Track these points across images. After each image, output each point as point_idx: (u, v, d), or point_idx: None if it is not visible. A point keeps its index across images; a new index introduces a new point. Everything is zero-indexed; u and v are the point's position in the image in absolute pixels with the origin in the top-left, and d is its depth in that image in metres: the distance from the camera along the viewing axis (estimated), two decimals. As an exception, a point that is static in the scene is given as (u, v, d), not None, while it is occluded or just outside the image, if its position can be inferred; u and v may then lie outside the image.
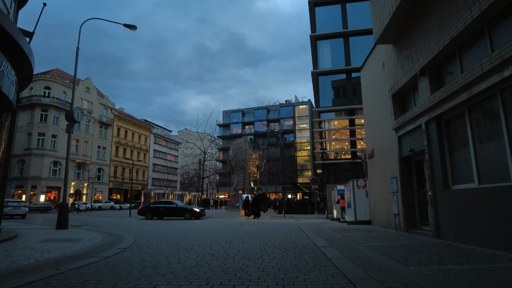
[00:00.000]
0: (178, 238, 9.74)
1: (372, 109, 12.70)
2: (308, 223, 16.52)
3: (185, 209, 22.63)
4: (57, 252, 6.72)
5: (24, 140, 47.33)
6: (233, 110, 75.23)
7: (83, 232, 11.27)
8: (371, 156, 12.79)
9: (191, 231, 11.96)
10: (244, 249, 7.15)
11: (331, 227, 12.69)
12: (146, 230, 12.65)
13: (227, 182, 60.91)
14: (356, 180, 14.12)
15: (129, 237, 9.97)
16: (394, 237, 8.79)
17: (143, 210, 23.26)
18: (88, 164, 53.19)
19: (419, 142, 8.86)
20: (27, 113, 48.14)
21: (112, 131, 59.83)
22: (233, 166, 39.19)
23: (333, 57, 32.22)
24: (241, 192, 39.59)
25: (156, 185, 71.96)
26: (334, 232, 10.22)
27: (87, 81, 56.31)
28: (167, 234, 10.87)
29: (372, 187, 12.89)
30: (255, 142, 43.95)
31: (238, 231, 11.83)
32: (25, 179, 45.70)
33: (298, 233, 10.37)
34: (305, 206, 29.54)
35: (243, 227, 14.15)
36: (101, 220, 20.82)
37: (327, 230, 11.27)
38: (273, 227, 13.75)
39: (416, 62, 8.57)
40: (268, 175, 51.79)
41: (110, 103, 60.88)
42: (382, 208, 11.66)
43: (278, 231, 11.52)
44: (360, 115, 30.12)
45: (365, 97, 13.76)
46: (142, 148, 68.46)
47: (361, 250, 6.49)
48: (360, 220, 13.66)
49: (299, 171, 68.54)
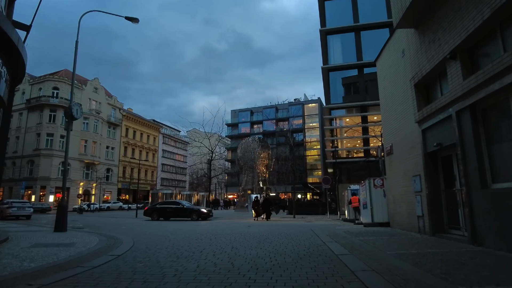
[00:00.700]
0: (180, 242, 8.93)
1: (390, 102, 11.70)
2: (321, 224, 15.56)
3: (192, 210, 21.90)
4: (40, 261, 5.97)
5: (33, 140, 47.49)
6: (241, 109, 74.51)
7: (80, 236, 10.56)
8: (390, 153, 11.78)
9: (195, 234, 11.15)
10: (252, 257, 6.29)
11: (346, 229, 11.72)
12: (149, 233, 11.90)
13: (236, 182, 60.18)
14: (373, 179, 13.12)
15: (128, 241, 9.20)
16: (421, 242, 7.80)
17: (149, 211, 22.61)
18: (97, 165, 53.07)
19: (448, 135, 7.86)
20: (36, 113, 48.32)
21: (120, 131, 59.70)
22: (241, 165, 38.38)
23: (344, 52, 31.11)
24: (250, 192, 38.77)
25: (165, 185, 71.66)
26: (351, 236, 9.28)
27: (95, 81, 56.23)
28: (169, 238, 10.07)
29: (390, 186, 11.88)
30: (263, 141, 43.07)
31: (246, 234, 10.97)
32: (34, 179, 45.76)
33: (311, 237, 9.45)
34: (316, 207, 28.51)
35: (252, 229, 13.29)
36: (106, 221, 20.22)
37: (342, 233, 10.33)
38: (284, 229, 12.85)
39: (444, 45, 7.57)
40: (277, 174, 50.85)
41: (118, 103, 60.76)
42: (403, 209, 10.65)
43: (289, 234, 10.62)
44: (373, 112, 28.96)
45: (382, 90, 12.76)
46: (151, 148, 68.24)
47: (388, 260, 5.56)
48: (378, 222, 12.66)
49: (308, 170, 67.41)
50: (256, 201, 22.08)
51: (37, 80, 50.27)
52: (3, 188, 48.52)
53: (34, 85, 50.01)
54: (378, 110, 30.03)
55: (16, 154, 48.49)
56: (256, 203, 21.87)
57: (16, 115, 50.46)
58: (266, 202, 21.55)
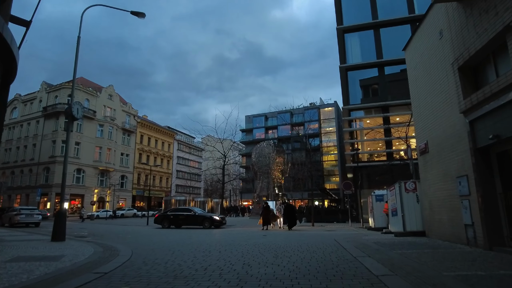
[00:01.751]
0: (185, 255, 7.70)
1: (424, 94, 10.21)
2: (344, 234, 14.04)
3: (204, 217, 20.69)
4: (5, 281, 4.82)
5: (49, 148, 47.70)
6: (255, 115, 73.40)
7: (76, 246, 9.47)
8: (424, 151, 10.25)
9: (204, 245, 9.89)
10: (267, 278, 4.96)
11: (376, 240, 10.20)
12: (153, 243, 10.71)
13: (251, 188, 58.84)
14: (404, 182, 11.56)
15: (126, 253, 8.04)
16: (480, 259, 6.25)
17: (160, 219, 21.55)
18: (111, 171, 52.83)
19: (508, 124, 6.35)
20: (52, 121, 48.61)
21: (135, 138, 59.52)
22: (256, 171, 37.06)
23: (363, 51, 29.57)
24: (265, 199, 37.34)
25: (179, 192, 71.08)
26: (385, 249, 7.80)
27: (109, 88, 56.41)
28: (173, 249, 8.85)
29: (426, 190, 10.32)
30: (279, 146, 41.70)
31: (261, 245, 9.62)
32: (50, 186, 45.76)
33: (338, 250, 8.03)
34: (335, 214, 26.83)
35: (267, 239, 11.92)
36: (115, 229, 19.25)
37: (372, 244, 8.84)
38: (303, 240, 11.43)
39: (504, 12, 6.12)
40: (293, 181, 49.22)
41: (133, 110, 60.76)
42: (443, 216, 9.08)
43: (310, 246, 9.21)
44: (395, 112, 27.21)
45: (413, 81, 11.27)
46: (166, 155, 67.87)
47: (451, 286, 4.12)
48: (410, 231, 11.07)
49: (325, 176, 65.39)
50: (266, 207, 19.86)
51: (54, 88, 50.78)
52: (20, 195, 48.91)
53: (50, 93, 50.52)
54: (401, 111, 28.40)
55: (33, 162, 48.83)
56: (266, 210, 19.60)
57: (33, 123, 51.11)
58: (289, 209, 19.20)
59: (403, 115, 26.11)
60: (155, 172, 63.87)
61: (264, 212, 19.52)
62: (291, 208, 19.36)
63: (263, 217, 19.26)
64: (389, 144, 27.38)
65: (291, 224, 18.18)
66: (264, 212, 19.59)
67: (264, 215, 19.40)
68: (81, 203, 48.77)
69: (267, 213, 19.35)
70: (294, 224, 18.52)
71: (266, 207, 19.74)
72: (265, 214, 19.39)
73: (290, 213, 18.68)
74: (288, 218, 18.48)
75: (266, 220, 19.08)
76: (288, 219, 18.45)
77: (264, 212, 19.65)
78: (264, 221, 19.03)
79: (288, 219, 18.45)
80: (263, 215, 19.43)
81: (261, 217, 19.53)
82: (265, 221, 19.01)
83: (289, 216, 18.56)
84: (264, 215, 19.41)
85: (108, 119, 53.88)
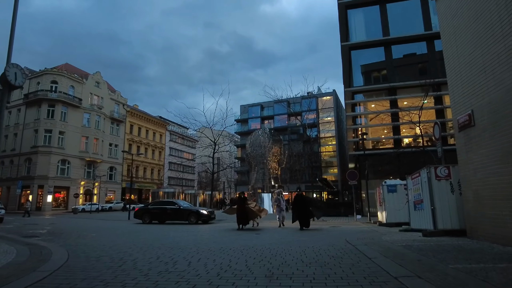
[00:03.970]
0: (138, 265, 5.23)
1: (470, 47, 7.66)
2: (354, 231, 11.61)
3: (190, 212, 18.18)
4: None
5: (30, 137, 44.73)
6: (251, 104, 70.59)
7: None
8: (468, 125, 7.74)
9: (176, 250, 7.39)
10: None
11: (403, 242, 7.73)
12: (111, 246, 8.18)
13: (246, 180, 56.45)
14: (434, 168, 9.08)
15: (53, 264, 5.52)
16: None
17: (140, 213, 19.03)
18: (99, 163, 50.05)
19: None
20: (33, 109, 45.60)
21: (124, 128, 56.61)
22: (250, 161, 34.56)
23: (368, 28, 26.88)
24: (261, 191, 34.96)
25: (172, 184, 68.53)
26: (429, 259, 5.33)
27: (96, 75, 53.30)
28: (133, 255, 6.37)
29: (469, 176, 7.83)
30: (275, 135, 39.18)
31: (250, 251, 7.14)
32: (32, 178, 42.94)
33: (360, 261, 5.56)
34: (338, 207, 24.47)
35: (260, 240, 9.45)
36: (85, 226, 16.68)
37: (403, 250, 6.39)
38: (306, 241, 8.98)
39: None
40: (290, 172, 46.84)
41: (122, 98, 57.75)
42: (503, 210, 6.61)
43: (318, 252, 6.74)
44: (404, 95, 24.65)
45: (451, 35, 8.66)
46: (157, 145, 65.13)
47: None
48: (443, 229, 8.62)
49: (323, 168, 63.14)
50: (242, 199, 14.17)
51: (35, 74, 47.56)
52: (1, 188, 46.11)
53: (32, 79, 47.29)
54: (409, 93, 25.87)
55: (14, 152, 45.96)
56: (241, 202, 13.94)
57: (14, 111, 48.03)
58: (300, 202, 13.52)
59: (413, 98, 23.59)
60: (146, 163, 61.20)
61: (239, 206, 13.82)
62: (302, 201, 13.62)
63: (238, 213, 13.70)
64: (397, 130, 24.89)
65: (303, 222, 12.96)
66: (239, 206, 13.86)
67: (239, 209, 13.67)
68: (66, 195, 46.12)
69: (243, 207, 13.70)
70: (308, 223, 13.07)
71: (241, 199, 14.19)
72: (241, 208, 13.66)
73: (301, 207, 13.30)
74: (299, 214, 13.20)
75: (242, 216, 13.51)
76: (299, 215, 13.19)
77: (239, 205, 13.91)
78: (239, 218, 13.53)
79: (299, 215, 13.19)
80: (238, 210, 13.82)
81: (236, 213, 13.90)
82: (242, 218, 13.49)
83: (299, 211, 13.25)
84: (239, 210, 13.70)
85: (95, 107, 50.91)
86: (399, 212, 13.90)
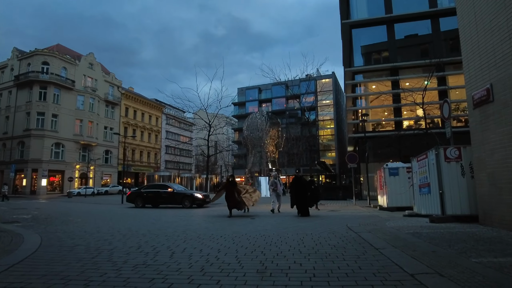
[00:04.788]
0: (114, 256, 4.59)
1: (492, 12, 6.80)
2: (355, 217, 11.02)
3: (184, 195, 17.58)
4: None
5: (23, 120, 43.70)
6: (248, 87, 69.25)
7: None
8: (486, 101, 6.97)
9: (161, 238, 6.76)
10: None
11: (411, 229, 7.11)
12: (94, 233, 7.53)
13: (243, 164, 55.93)
14: (444, 149, 8.38)
15: (18, 256, 4.87)
16: None
17: (132, 197, 18.46)
18: (94, 146, 49.24)
19: None
20: (25, 91, 44.34)
21: (120, 111, 55.47)
22: (247, 144, 33.82)
23: (370, 5, 25.63)
24: (258, 175, 34.41)
25: (170, 168, 68.03)
26: (443, 250, 4.70)
27: (89, 56, 51.72)
28: (113, 244, 5.74)
29: (485, 157, 7.12)
30: (273, 117, 38.32)
31: (243, 239, 6.51)
32: (25, 162, 42.19)
33: (366, 252, 4.93)
34: (335, 191, 23.98)
35: (255, 226, 8.84)
36: (74, 210, 16.06)
37: (412, 239, 5.77)
38: (304, 227, 8.37)
39: None
40: (288, 156, 46.24)
41: (116, 80, 56.33)
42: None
43: (317, 241, 6.12)
44: (407, 75, 23.71)
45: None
46: (154, 129, 64.19)
47: None
48: (453, 214, 7.99)
49: (321, 151, 62.64)
50: (230, 182, 12.13)
51: (26, 55, 46.02)
52: (-5, 172, 45.37)
53: (22, 61, 45.85)
54: (412, 73, 24.93)
55: (7, 136, 44.99)
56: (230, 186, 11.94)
57: (5, 94, 46.81)
58: (298, 185, 11.83)
59: (415, 79, 22.71)
60: (143, 147, 60.46)
61: (228, 190, 11.88)
62: (300, 184, 11.89)
63: (228, 198, 11.80)
64: (398, 112, 24.10)
65: (302, 210, 11.41)
66: (228, 190, 11.89)
67: (229, 193, 11.77)
68: (62, 179, 45.51)
69: (231, 191, 11.74)
70: (307, 212, 11.41)
71: (230, 182, 12.16)
72: (230, 192, 11.76)
73: (300, 191, 11.58)
74: (297, 199, 11.58)
75: (232, 200, 11.63)
76: (297, 200, 11.58)
77: (228, 190, 11.91)
78: (230, 202, 11.69)
79: (297, 200, 11.58)
80: (227, 194, 11.87)
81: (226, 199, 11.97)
82: (232, 203, 11.64)
83: (298, 195, 11.57)
84: (229, 194, 11.78)
85: (89, 89, 49.62)
86: (401, 196, 13.33)
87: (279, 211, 13.08)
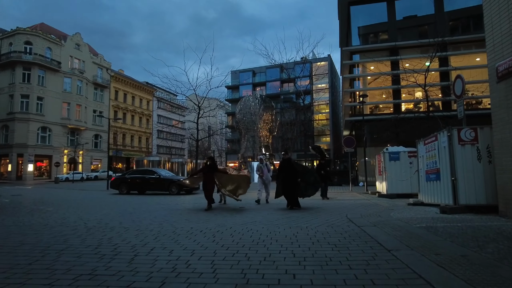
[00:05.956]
0: (55, 266, 3.51)
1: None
2: (353, 204, 10.11)
3: (171, 181, 16.55)
4: None
5: (6, 103, 41.80)
6: (242, 70, 67.36)
7: None
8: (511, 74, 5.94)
9: (133, 230, 5.75)
10: None
11: (423, 222, 6.18)
12: (61, 224, 6.49)
13: (237, 149, 54.91)
14: (458, 130, 7.39)
15: None
16: None
17: (117, 183, 17.41)
18: (83, 130, 47.68)
19: None
20: (7, 72, 42.25)
21: (109, 94, 53.62)
22: (240, 128, 32.68)
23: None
24: (251, 160, 33.46)
25: (162, 153, 66.71)
26: (471, 252, 3.80)
27: (76, 36, 49.45)
28: (62, 245, 4.68)
29: (507, 139, 6.17)
30: (267, 101, 37.08)
31: (225, 235, 5.55)
32: (10, 146, 40.64)
33: (373, 252, 3.99)
34: (330, 176, 23.03)
35: (241, 218, 7.87)
36: (54, 196, 14.97)
37: (424, 234, 4.85)
38: (298, 217, 7.42)
39: None
40: (281, 141, 45.28)
41: (105, 62, 54.23)
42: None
43: (313, 237, 5.17)
44: (408, 55, 22.53)
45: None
46: (144, 113, 62.51)
47: None
48: (466, 204, 7.07)
49: (316, 136, 61.76)
50: (209, 165, 9.59)
51: (7, 34, 43.65)
52: (-22, 158, 43.80)
53: (3, 40, 43.52)
54: (413, 53, 23.78)
55: (-10, 119, 43.10)
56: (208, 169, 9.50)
57: (-14, 75, 44.65)
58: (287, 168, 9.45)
59: (415, 60, 21.56)
60: (134, 131, 58.93)
61: (206, 175, 9.51)
62: (290, 166, 9.43)
63: (205, 185, 9.54)
64: (397, 95, 23.06)
65: (291, 200, 9.17)
66: (205, 175, 9.53)
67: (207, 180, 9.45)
68: (49, 164, 44.12)
69: (210, 178, 9.44)
70: (296, 202, 9.19)
71: (207, 166, 9.63)
72: (209, 178, 9.43)
73: (289, 177, 9.20)
74: (284, 187, 9.29)
75: (209, 189, 9.36)
76: (284, 188, 9.30)
77: (206, 174, 9.54)
78: (207, 191, 9.32)
79: (284, 188, 9.30)
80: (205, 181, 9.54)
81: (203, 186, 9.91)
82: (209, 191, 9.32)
83: (285, 182, 9.26)
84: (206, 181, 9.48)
85: (76, 71, 47.64)
86: (401, 183, 12.44)
87: (267, 201, 11.04)
